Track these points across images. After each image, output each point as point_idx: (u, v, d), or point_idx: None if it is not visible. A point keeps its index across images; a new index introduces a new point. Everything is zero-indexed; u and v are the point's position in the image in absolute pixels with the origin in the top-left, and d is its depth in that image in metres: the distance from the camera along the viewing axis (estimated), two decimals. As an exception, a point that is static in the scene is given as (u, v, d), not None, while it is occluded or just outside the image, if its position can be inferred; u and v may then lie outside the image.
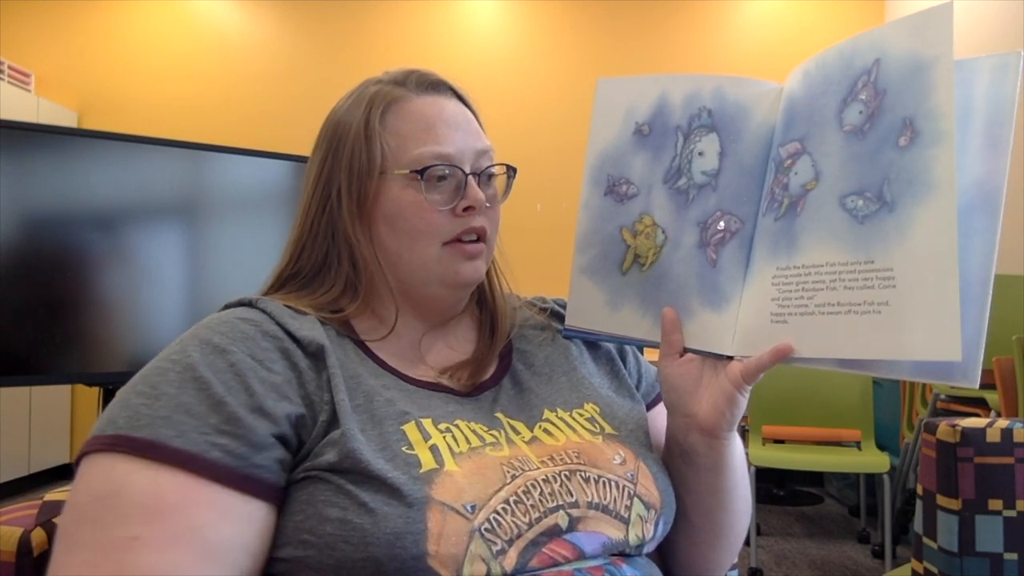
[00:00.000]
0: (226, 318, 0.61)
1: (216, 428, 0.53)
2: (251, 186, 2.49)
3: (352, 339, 0.66)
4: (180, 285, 2.37)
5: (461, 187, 0.66)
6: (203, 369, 0.55)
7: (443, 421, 0.61)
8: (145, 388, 0.55)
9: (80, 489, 0.52)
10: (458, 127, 0.68)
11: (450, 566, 0.51)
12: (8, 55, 3.71)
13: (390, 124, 0.67)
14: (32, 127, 2.23)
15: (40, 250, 2.15)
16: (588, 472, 0.61)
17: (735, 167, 0.66)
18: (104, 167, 2.22)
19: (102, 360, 2.21)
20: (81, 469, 0.53)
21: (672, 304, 0.68)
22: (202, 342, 0.58)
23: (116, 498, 0.50)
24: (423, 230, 0.66)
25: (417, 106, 0.68)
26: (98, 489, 0.51)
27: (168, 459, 0.51)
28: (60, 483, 3.49)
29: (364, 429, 0.57)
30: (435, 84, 0.71)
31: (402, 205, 0.66)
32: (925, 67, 0.54)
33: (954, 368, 0.52)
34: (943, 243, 0.51)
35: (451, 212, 0.66)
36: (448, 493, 0.54)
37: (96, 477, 0.52)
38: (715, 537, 0.72)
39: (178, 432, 0.52)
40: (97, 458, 0.52)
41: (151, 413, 0.53)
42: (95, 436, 0.53)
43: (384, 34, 3.95)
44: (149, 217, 2.31)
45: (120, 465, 0.51)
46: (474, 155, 0.68)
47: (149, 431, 0.52)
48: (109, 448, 0.52)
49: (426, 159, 0.65)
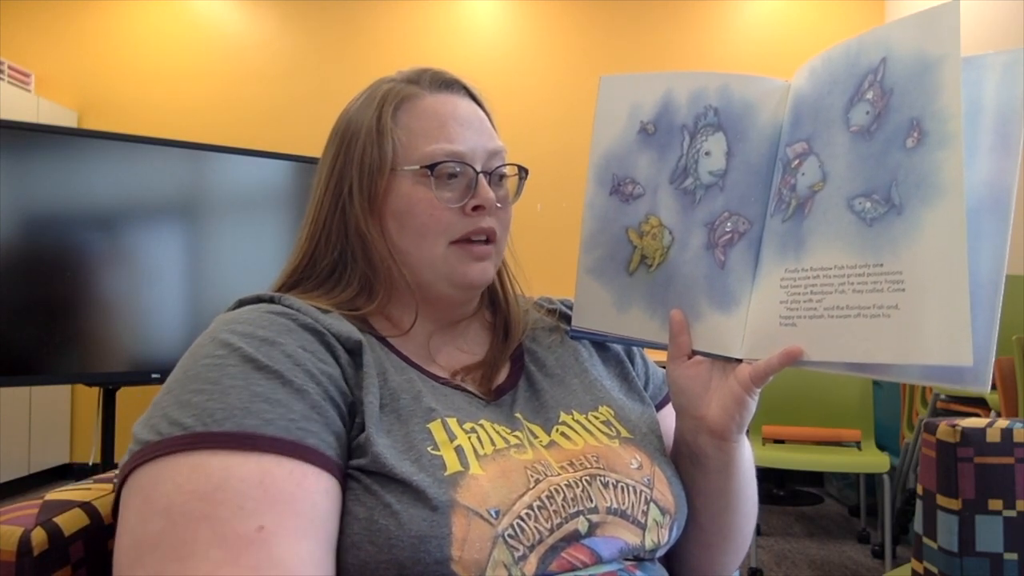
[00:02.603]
0: (256, 313, 0.59)
1: (303, 415, 0.52)
2: (251, 186, 2.49)
3: (375, 335, 0.65)
4: (180, 285, 2.37)
5: (472, 186, 0.66)
6: (264, 359, 0.53)
7: (468, 421, 0.60)
8: (203, 385, 0.52)
9: (165, 494, 0.47)
10: (470, 126, 0.68)
11: (473, 571, 0.51)
12: (8, 55, 3.70)
13: (402, 121, 0.67)
14: (32, 127, 2.23)
15: (40, 250, 2.15)
16: (607, 477, 0.61)
17: (742, 167, 0.65)
18: (104, 167, 2.23)
19: (102, 360, 2.22)
20: (146, 478, 0.49)
21: (680, 306, 0.67)
22: (244, 335, 0.55)
23: (224, 492, 0.47)
24: (431, 227, 0.65)
25: (430, 103, 0.68)
26: (197, 487, 0.47)
27: (268, 448, 0.49)
28: (60, 483, 3.49)
29: (391, 430, 0.57)
30: (448, 83, 0.70)
31: (412, 202, 0.65)
32: (932, 66, 0.53)
33: (965, 372, 0.52)
34: (953, 247, 0.51)
35: (461, 211, 0.66)
36: (473, 497, 0.53)
37: (186, 476, 0.48)
38: (722, 539, 0.72)
39: (265, 421, 0.50)
40: (172, 460, 0.48)
41: (225, 407, 0.50)
42: (156, 442, 0.49)
43: (385, 34, 3.95)
44: (149, 217, 2.31)
45: (213, 460, 0.48)
46: (486, 154, 0.68)
47: (232, 424, 0.49)
48: (188, 448, 0.48)
49: (437, 156, 0.65)
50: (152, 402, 0.54)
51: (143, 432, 0.51)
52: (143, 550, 0.46)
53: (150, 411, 0.53)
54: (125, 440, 0.56)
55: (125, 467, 0.51)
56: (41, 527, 0.54)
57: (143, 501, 0.48)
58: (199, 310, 2.38)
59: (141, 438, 0.51)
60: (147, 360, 2.28)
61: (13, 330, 2.09)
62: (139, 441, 0.51)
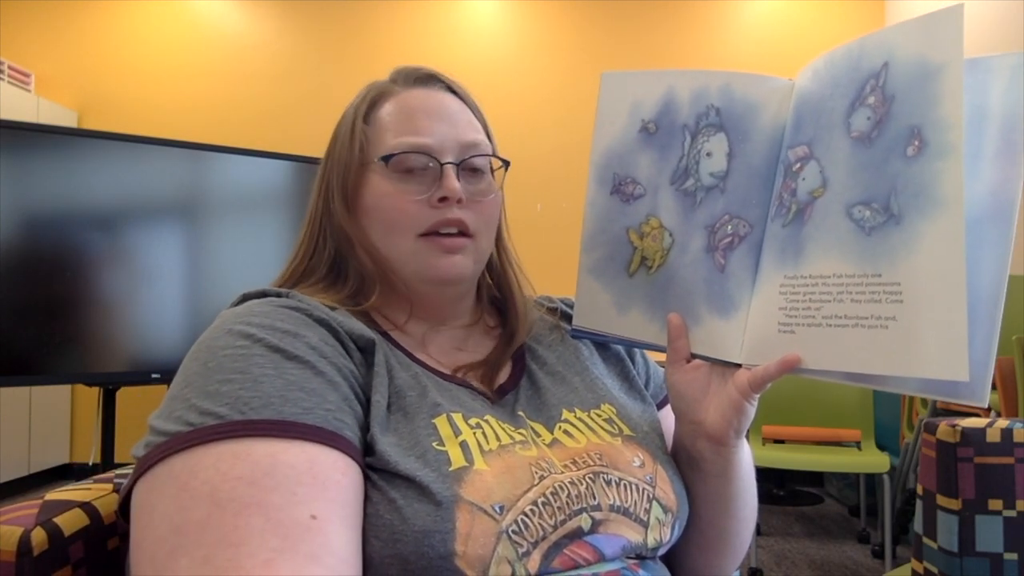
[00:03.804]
0: (269, 307, 0.58)
1: (337, 406, 0.52)
2: (251, 186, 2.50)
3: (379, 331, 0.65)
4: (180, 285, 2.37)
5: (438, 177, 0.66)
6: (292, 349, 0.53)
7: (473, 416, 0.60)
8: (231, 375, 0.50)
9: (207, 480, 0.45)
10: (441, 118, 0.67)
11: (477, 567, 0.51)
12: (8, 55, 3.70)
13: (373, 118, 0.68)
14: (32, 127, 2.23)
15: (40, 250, 2.15)
16: (610, 475, 0.61)
17: (744, 169, 0.64)
18: (104, 167, 2.23)
19: (102, 360, 2.22)
20: (180, 467, 0.47)
21: (679, 309, 0.67)
22: (264, 327, 0.54)
23: (274, 478, 0.46)
24: (397, 220, 0.65)
25: (402, 99, 0.69)
26: (244, 473, 0.46)
27: (312, 437, 0.48)
28: (60, 483, 3.49)
29: (397, 428, 0.56)
30: (423, 78, 0.71)
31: (379, 196, 0.66)
32: (933, 74, 0.52)
33: (961, 386, 0.51)
34: (951, 261, 0.50)
35: (427, 203, 0.65)
36: (477, 493, 0.53)
37: (229, 463, 0.46)
38: (720, 543, 0.72)
39: (304, 410, 0.49)
40: (211, 448, 0.47)
41: (260, 395, 0.49)
42: (187, 432, 0.48)
43: (384, 34, 3.95)
44: (149, 217, 2.31)
45: (258, 447, 0.47)
46: (457, 146, 0.67)
47: (272, 412, 0.48)
48: (227, 436, 0.47)
49: (398, 148, 0.65)
50: (168, 396, 0.52)
51: (167, 424, 0.49)
52: (186, 536, 0.44)
53: (169, 404, 0.51)
54: (125, 440, 0.56)
55: (146, 460, 0.48)
56: (41, 527, 0.54)
57: (180, 489, 0.46)
58: (199, 310, 2.38)
59: (166, 429, 0.49)
60: (147, 360, 2.28)
61: (13, 330, 2.09)
62: (163, 432, 0.49)
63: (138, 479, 0.49)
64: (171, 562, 0.44)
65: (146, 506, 0.47)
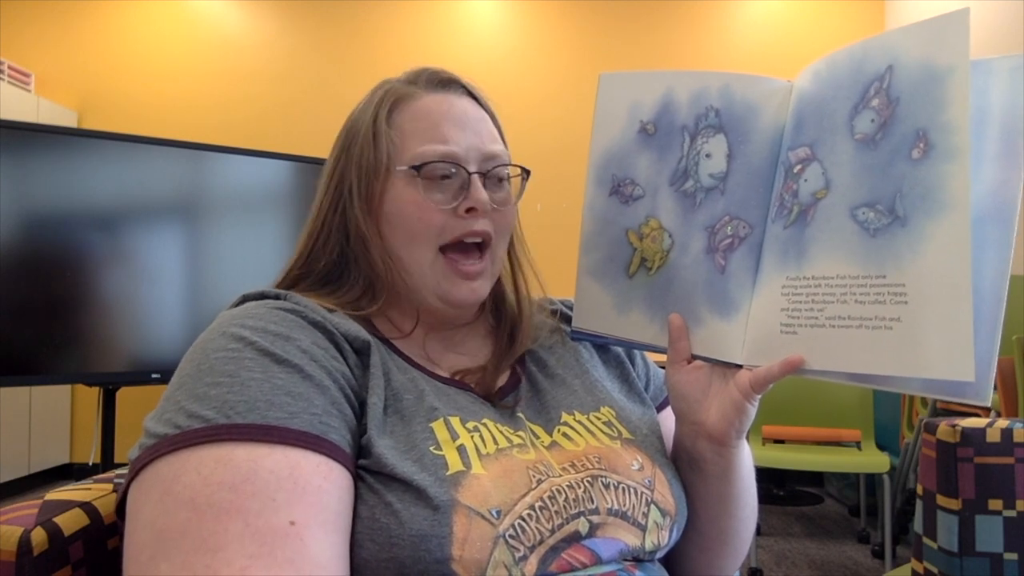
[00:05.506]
0: (264, 309, 0.58)
1: (324, 410, 0.52)
2: (251, 186, 2.50)
3: (378, 336, 0.65)
4: (180, 285, 2.37)
5: (465, 187, 0.65)
6: (282, 353, 0.53)
7: (471, 420, 0.60)
8: (220, 378, 0.50)
9: (189, 485, 0.46)
10: (465, 126, 0.67)
11: (473, 571, 0.51)
12: (8, 55, 3.70)
13: (396, 121, 0.67)
14: (32, 127, 2.23)
15: (40, 250, 2.15)
16: (609, 478, 0.61)
17: (743, 170, 0.64)
18: (104, 167, 2.23)
19: (102, 360, 2.22)
20: (166, 470, 0.47)
21: (680, 310, 0.66)
22: (257, 330, 0.54)
23: (254, 484, 0.46)
24: (421, 230, 0.65)
25: (424, 103, 0.67)
26: (224, 478, 0.46)
27: (295, 441, 0.48)
28: (60, 483, 3.49)
29: (393, 431, 0.56)
30: (446, 82, 0.70)
31: (402, 203, 0.65)
32: (940, 77, 0.52)
33: (966, 386, 0.51)
34: (957, 262, 0.50)
35: (453, 212, 0.65)
36: (474, 497, 0.53)
37: (211, 468, 0.46)
38: (721, 544, 0.72)
39: (289, 414, 0.49)
40: (194, 452, 0.47)
41: (246, 399, 0.49)
42: (174, 435, 0.48)
43: (384, 34, 3.95)
44: (149, 217, 2.31)
45: (239, 452, 0.47)
46: (481, 156, 0.67)
47: (256, 416, 0.49)
48: (210, 440, 0.47)
49: (428, 156, 0.64)
50: (163, 397, 0.53)
51: (157, 426, 0.50)
52: (167, 542, 0.45)
53: (162, 405, 0.52)
54: (125, 440, 0.56)
55: (138, 462, 0.49)
56: (41, 527, 0.54)
57: (164, 493, 0.46)
58: (199, 310, 2.38)
59: (156, 432, 0.49)
60: (147, 360, 2.28)
61: (13, 330, 2.09)
62: (153, 435, 0.49)
63: (131, 481, 0.50)
64: (152, 566, 0.45)
65: (133, 509, 0.48)
